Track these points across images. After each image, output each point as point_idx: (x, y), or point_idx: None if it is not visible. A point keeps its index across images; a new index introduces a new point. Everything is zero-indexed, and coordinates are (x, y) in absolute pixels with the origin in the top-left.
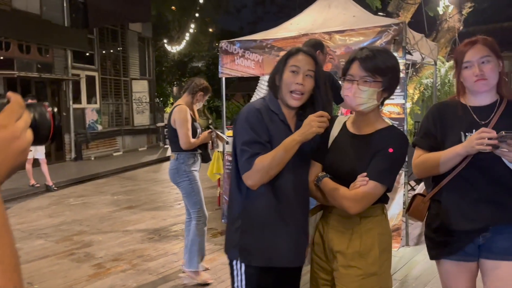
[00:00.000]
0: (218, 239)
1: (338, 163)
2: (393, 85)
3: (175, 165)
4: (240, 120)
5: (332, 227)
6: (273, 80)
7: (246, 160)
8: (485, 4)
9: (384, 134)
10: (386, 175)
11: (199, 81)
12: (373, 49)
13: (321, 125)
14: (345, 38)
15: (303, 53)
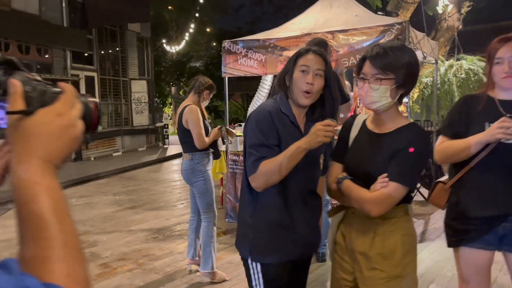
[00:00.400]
0: (222, 238)
1: (358, 163)
2: (409, 81)
3: (190, 165)
4: (250, 122)
5: (354, 228)
6: (283, 80)
7: (252, 163)
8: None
9: (404, 133)
10: (407, 175)
11: (203, 79)
12: (384, 46)
13: (327, 134)
14: (348, 38)
15: (312, 53)
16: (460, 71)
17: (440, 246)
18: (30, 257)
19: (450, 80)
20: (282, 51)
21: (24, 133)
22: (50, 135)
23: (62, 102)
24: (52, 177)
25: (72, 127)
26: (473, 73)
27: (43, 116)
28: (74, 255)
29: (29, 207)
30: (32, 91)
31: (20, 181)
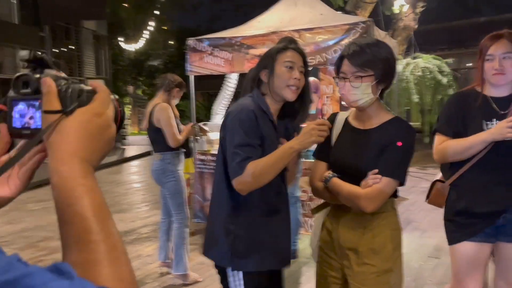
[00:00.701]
0: (191, 239)
1: (344, 160)
2: (388, 76)
3: (161, 165)
4: (232, 121)
5: (343, 224)
6: (257, 76)
7: (237, 164)
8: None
9: (391, 127)
10: (398, 169)
11: (172, 77)
12: (360, 44)
13: (321, 133)
14: (314, 36)
15: (293, 50)
16: (416, 69)
17: (406, 238)
18: (77, 262)
19: (408, 77)
20: (249, 49)
21: (63, 133)
22: (90, 136)
23: (100, 102)
24: (93, 178)
25: (109, 128)
26: (428, 71)
27: (82, 116)
28: (122, 259)
29: (74, 209)
30: (66, 90)
31: (63, 182)
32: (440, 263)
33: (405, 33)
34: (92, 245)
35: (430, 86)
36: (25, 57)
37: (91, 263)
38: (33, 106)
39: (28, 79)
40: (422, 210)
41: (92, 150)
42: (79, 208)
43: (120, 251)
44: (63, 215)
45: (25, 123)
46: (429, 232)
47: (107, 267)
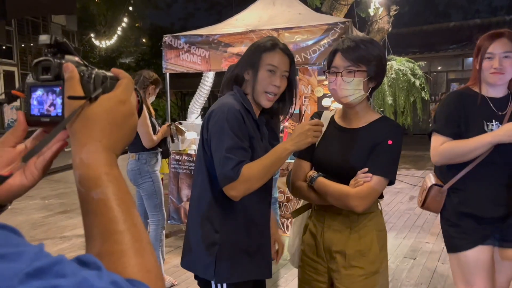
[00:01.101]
0: (166, 241)
1: (330, 159)
2: (379, 74)
3: (136, 165)
4: (219, 122)
5: (328, 226)
6: (240, 73)
7: (231, 169)
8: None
9: (379, 126)
10: (389, 168)
11: (148, 74)
12: (355, 39)
13: (316, 134)
14: (293, 35)
15: (281, 51)
16: (390, 71)
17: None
18: (102, 253)
19: None
20: (227, 47)
21: (87, 120)
22: (114, 124)
23: (124, 89)
24: (117, 167)
25: (133, 116)
26: (402, 73)
27: (106, 102)
28: (148, 249)
29: (99, 199)
30: (89, 76)
31: (88, 171)
32: (416, 264)
33: (379, 36)
34: (117, 235)
35: (403, 88)
36: (45, 42)
37: (117, 254)
38: (54, 93)
39: (49, 65)
40: (397, 210)
41: (116, 139)
42: (104, 197)
43: (146, 241)
44: (87, 204)
45: (44, 110)
46: (404, 233)
47: (133, 258)
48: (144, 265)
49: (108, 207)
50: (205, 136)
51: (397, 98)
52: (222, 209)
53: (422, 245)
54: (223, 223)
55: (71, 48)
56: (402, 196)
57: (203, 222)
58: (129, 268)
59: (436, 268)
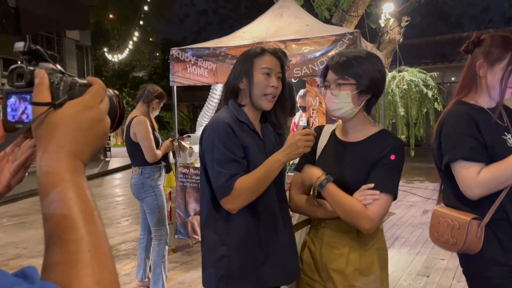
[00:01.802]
0: (172, 257)
1: (328, 172)
2: (373, 87)
3: (139, 179)
4: (209, 137)
5: (326, 244)
6: (235, 84)
7: (224, 184)
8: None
9: (379, 140)
10: (394, 184)
11: (152, 88)
12: (347, 54)
13: (308, 144)
14: (300, 47)
15: (270, 54)
16: (402, 82)
17: (394, 255)
18: (56, 262)
19: (394, 91)
20: (233, 59)
21: (51, 126)
22: (79, 129)
23: (92, 95)
24: (81, 174)
25: (101, 122)
26: (414, 84)
27: (71, 108)
28: (103, 261)
29: (57, 207)
30: (59, 83)
31: (47, 178)
32: (430, 282)
33: (390, 47)
34: (73, 245)
35: (416, 99)
36: (20, 49)
37: (68, 264)
38: (26, 100)
39: (22, 72)
40: (409, 225)
41: (81, 144)
42: (63, 205)
43: (104, 252)
44: (45, 212)
45: (18, 117)
46: (417, 248)
47: (87, 269)
48: (95, 277)
49: (63, 215)
50: (200, 152)
51: (409, 109)
52: (226, 221)
53: (436, 261)
54: (228, 235)
55: (45, 55)
56: (415, 209)
57: (211, 235)
58: (78, 280)
59: (451, 286)
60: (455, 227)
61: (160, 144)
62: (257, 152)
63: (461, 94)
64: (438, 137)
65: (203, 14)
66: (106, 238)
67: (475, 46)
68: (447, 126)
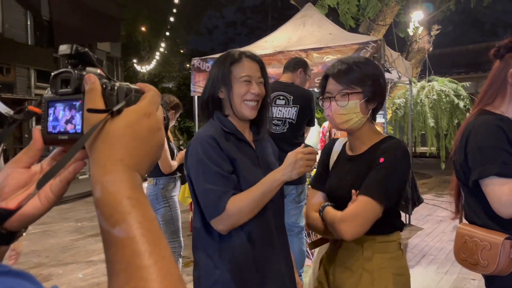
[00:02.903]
0: (190, 269)
1: (336, 189)
2: (378, 94)
3: (154, 190)
4: (193, 154)
5: (339, 264)
6: (214, 94)
7: (214, 203)
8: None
9: (378, 147)
10: (378, 188)
11: (169, 98)
12: (347, 61)
13: (309, 163)
14: (322, 56)
15: (249, 59)
16: (431, 92)
17: (421, 273)
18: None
19: (423, 101)
20: None
21: (108, 136)
22: (138, 139)
23: (149, 102)
24: (141, 190)
25: (159, 131)
26: (444, 94)
27: (129, 116)
28: (179, 286)
29: (122, 228)
30: (112, 88)
31: (107, 196)
32: None
33: (419, 56)
34: (143, 271)
35: (446, 110)
36: (66, 52)
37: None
38: (73, 107)
39: (68, 77)
40: (439, 241)
41: (140, 157)
42: (126, 226)
43: (176, 277)
44: (108, 235)
45: (62, 128)
46: (446, 267)
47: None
48: None
49: (131, 238)
50: (185, 169)
51: (439, 120)
52: (218, 242)
53: (467, 281)
54: (221, 258)
55: (93, 59)
56: (445, 225)
57: (203, 259)
58: None
59: None
60: (486, 248)
61: (174, 155)
62: (247, 164)
63: (485, 102)
64: (463, 150)
65: (231, 25)
66: (175, 261)
67: (507, 52)
68: (474, 139)
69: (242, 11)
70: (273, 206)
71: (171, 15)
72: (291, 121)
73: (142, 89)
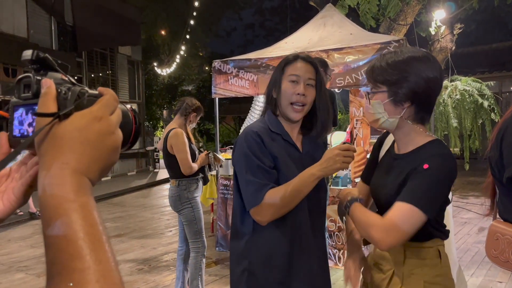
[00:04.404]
0: (212, 269)
1: (378, 188)
2: (412, 94)
3: (176, 192)
4: (239, 147)
5: (375, 263)
6: (270, 93)
7: (253, 193)
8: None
9: (423, 151)
10: (421, 195)
11: (190, 101)
12: (384, 57)
13: (346, 160)
14: (343, 56)
15: (302, 60)
16: (455, 92)
17: None
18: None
19: (445, 101)
20: None
21: (55, 140)
22: (86, 143)
23: (101, 105)
24: (87, 194)
25: (112, 135)
26: (468, 94)
27: (79, 120)
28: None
29: (60, 231)
30: (66, 93)
31: (49, 199)
32: None
33: (441, 55)
34: (79, 274)
35: (470, 110)
36: (28, 57)
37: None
38: (33, 111)
39: (28, 82)
40: (464, 243)
41: (89, 160)
42: (67, 229)
43: (114, 282)
44: (48, 237)
45: (25, 131)
46: (472, 270)
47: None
48: None
49: (68, 241)
50: (232, 162)
51: (463, 120)
52: (252, 234)
53: (493, 284)
54: (250, 249)
55: (54, 64)
56: (469, 227)
57: (236, 247)
58: None
59: None
60: None
61: (196, 157)
62: (289, 163)
63: None
64: (499, 146)
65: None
66: (117, 266)
67: None
68: (511, 135)
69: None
70: (311, 207)
71: (190, 18)
72: None
73: (101, 93)
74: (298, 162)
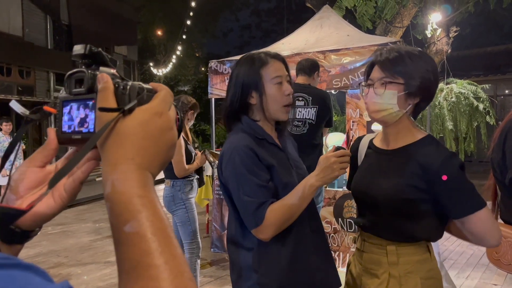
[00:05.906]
0: (207, 271)
1: (361, 184)
2: (425, 89)
3: (170, 192)
4: (230, 164)
5: (365, 269)
6: (244, 100)
7: (254, 213)
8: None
9: (419, 149)
10: (472, 198)
11: (186, 98)
12: (399, 50)
13: (343, 165)
14: (340, 57)
15: (274, 59)
16: (450, 95)
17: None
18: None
19: (441, 103)
20: None
21: (119, 135)
22: (149, 139)
23: (161, 100)
24: (152, 189)
25: (170, 130)
26: (463, 96)
27: (141, 115)
28: (190, 287)
29: (132, 227)
30: (124, 88)
31: (119, 195)
32: None
33: (437, 58)
34: (153, 270)
35: (465, 113)
36: (79, 52)
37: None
38: (87, 107)
39: (82, 76)
40: (459, 245)
41: (152, 156)
42: (138, 225)
43: (187, 277)
44: (118, 234)
45: (76, 127)
46: (467, 272)
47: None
48: None
49: (141, 237)
50: (221, 179)
51: (458, 123)
52: (258, 246)
53: (488, 287)
54: (258, 262)
55: (106, 59)
56: None
57: (242, 261)
58: None
59: None
60: None
61: (193, 158)
62: (282, 168)
63: None
64: (501, 148)
65: (246, 28)
66: (186, 261)
67: None
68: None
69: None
70: (307, 210)
71: (186, 18)
72: (311, 121)
73: (155, 88)
74: (286, 162)
